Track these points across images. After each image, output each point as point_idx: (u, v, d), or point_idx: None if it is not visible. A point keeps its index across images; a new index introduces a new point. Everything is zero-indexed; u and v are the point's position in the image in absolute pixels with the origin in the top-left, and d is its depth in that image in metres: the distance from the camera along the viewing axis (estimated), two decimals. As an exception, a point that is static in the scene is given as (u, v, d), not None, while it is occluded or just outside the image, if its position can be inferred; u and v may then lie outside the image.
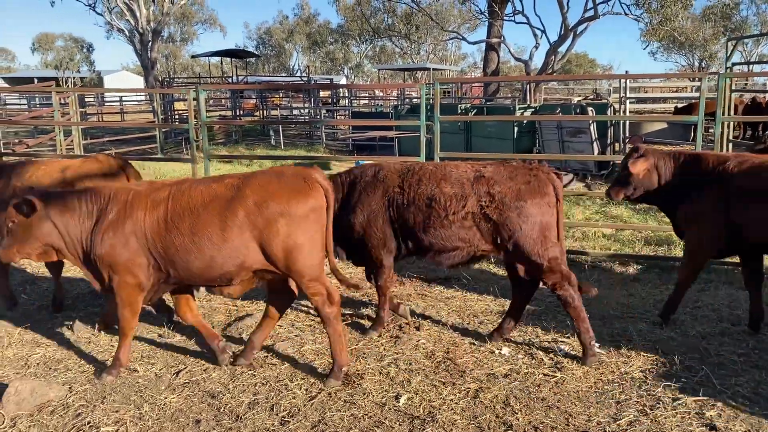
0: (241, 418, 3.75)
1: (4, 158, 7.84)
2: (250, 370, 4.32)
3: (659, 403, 3.81)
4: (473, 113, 16.78)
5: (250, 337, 4.49)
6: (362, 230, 4.70)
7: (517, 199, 4.35)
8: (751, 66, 31.40)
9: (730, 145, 10.31)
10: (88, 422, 3.69)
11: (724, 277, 6.20)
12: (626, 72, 21.52)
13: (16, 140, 17.22)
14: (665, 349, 4.56)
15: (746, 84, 30.00)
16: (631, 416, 3.69)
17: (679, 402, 3.82)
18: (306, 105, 26.59)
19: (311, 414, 3.76)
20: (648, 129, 17.34)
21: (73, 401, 3.93)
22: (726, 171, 4.64)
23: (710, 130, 13.24)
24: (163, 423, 3.70)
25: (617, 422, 3.63)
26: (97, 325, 5.04)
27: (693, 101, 15.53)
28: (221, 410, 3.84)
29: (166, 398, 3.98)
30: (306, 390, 4.06)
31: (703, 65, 54.11)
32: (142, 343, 4.85)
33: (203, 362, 4.47)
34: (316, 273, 4.06)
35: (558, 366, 4.36)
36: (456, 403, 3.87)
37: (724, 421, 3.60)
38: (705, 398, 3.86)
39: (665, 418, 3.66)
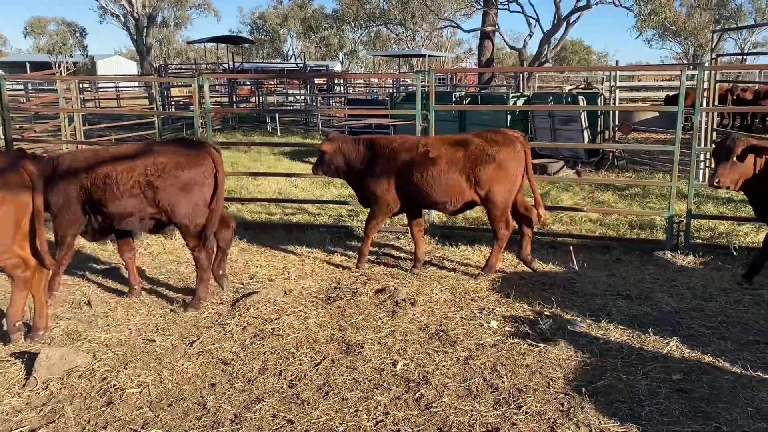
0: (252, 381, 4.12)
1: (16, 145, 8.11)
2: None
3: (632, 369, 4.21)
4: (467, 101, 17.08)
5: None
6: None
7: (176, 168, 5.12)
8: (743, 58, 31.75)
9: (715, 133, 10.70)
10: (114, 385, 4.06)
11: (701, 260, 6.59)
12: (617, 62, 21.84)
13: (16, 126, 17.43)
14: (640, 323, 4.96)
15: (739, 75, 30.40)
16: (606, 380, 4.08)
17: (650, 368, 4.22)
18: (302, 91, 26.81)
19: (316, 378, 4.14)
20: (640, 117, 17.73)
21: (98, 367, 4.28)
22: (392, 149, 6.14)
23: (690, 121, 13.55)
24: (182, 386, 4.08)
25: (593, 385, 4.02)
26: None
27: (688, 90, 15.85)
28: (234, 375, 4.21)
29: (183, 365, 4.34)
30: (311, 358, 4.44)
31: (698, 53, 54.40)
32: (157, 317, 5.21)
33: (215, 334, 4.84)
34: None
35: (542, 337, 4.75)
36: (448, 368, 4.26)
37: (689, 383, 4.00)
38: (673, 365, 4.26)
39: (636, 381, 4.05)
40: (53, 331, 4.90)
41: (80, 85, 23.48)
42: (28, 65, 54.23)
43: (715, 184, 5.64)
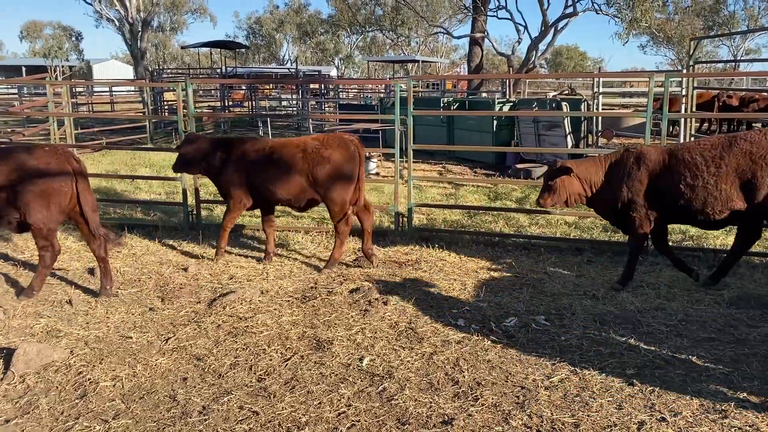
0: (223, 376, 4.28)
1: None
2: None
3: (588, 365, 4.38)
4: (456, 106, 17.30)
5: None
6: None
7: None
8: (732, 65, 32.04)
9: (692, 139, 10.91)
10: (88, 379, 4.21)
11: (668, 261, 6.76)
12: (599, 69, 22.03)
13: (8, 129, 17.57)
14: (602, 321, 5.13)
15: (732, 82, 30.66)
16: (563, 375, 4.25)
17: (606, 363, 4.39)
18: (295, 96, 26.99)
19: (285, 372, 4.30)
20: (628, 123, 17.98)
21: (74, 362, 4.44)
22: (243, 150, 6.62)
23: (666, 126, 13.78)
24: (154, 380, 4.23)
25: (550, 380, 4.19)
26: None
27: (671, 96, 16.18)
28: (206, 370, 4.36)
29: (157, 360, 4.50)
30: (281, 354, 4.60)
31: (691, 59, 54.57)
32: (135, 315, 5.36)
33: (190, 331, 5.00)
34: None
35: (506, 335, 4.92)
36: (412, 363, 4.42)
37: (640, 378, 4.17)
38: (628, 360, 4.43)
39: (591, 376, 4.22)
40: (33, 328, 5.05)
41: (73, 89, 23.64)
42: (23, 69, 54.33)
43: (540, 203, 6.08)
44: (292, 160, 6.39)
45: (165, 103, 25.06)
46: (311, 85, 27.04)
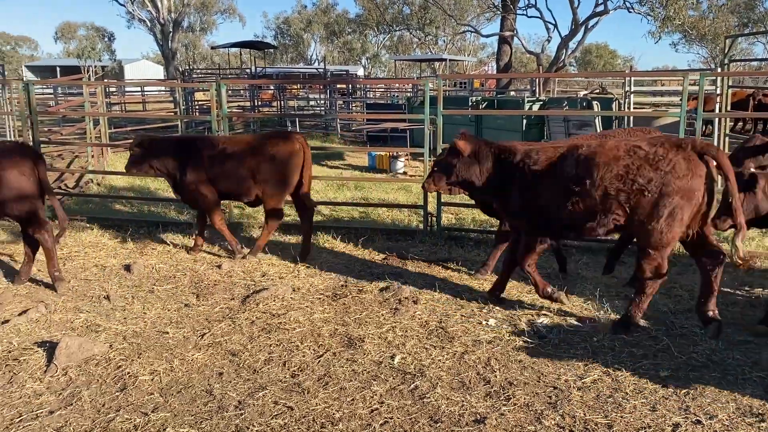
0: (257, 371, 4.36)
1: (43, 146, 8.50)
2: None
3: (621, 366, 4.36)
4: (484, 105, 17.25)
5: None
6: None
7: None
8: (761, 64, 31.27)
9: (727, 138, 10.72)
10: (128, 372, 4.33)
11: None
12: (630, 68, 21.75)
13: (45, 129, 18.00)
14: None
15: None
16: (595, 375, 4.24)
17: (639, 365, 4.37)
18: (322, 96, 27.15)
19: (318, 369, 4.37)
20: (660, 123, 17.70)
21: (114, 356, 4.57)
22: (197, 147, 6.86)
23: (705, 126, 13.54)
24: (191, 374, 4.33)
25: (582, 380, 4.18)
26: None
27: (705, 95, 15.87)
28: (240, 365, 4.45)
29: (193, 355, 4.60)
30: (314, 350, 4.67)
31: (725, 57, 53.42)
32: (171, 311, 5.48)
33: (225, 327, 5.10)
34: None
35: (538, 335, 4.92)
36: (443, 362, 4.45)
37: (674, 380, 4.14)
38: (662, 362, 4.40)
39: (624, 377, 4.20)
40: (73, 323, 5.21)
41: (107, 89, 24.12)
42: (58, 69, 55.50)
43: (424, 186, 5.94)
44: (241, 156, 6.69)
45: (195, 103, 25.41)
46: (338, 85, 27.17)
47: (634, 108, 13.79)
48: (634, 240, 5.34)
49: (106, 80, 38.71)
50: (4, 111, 15.17)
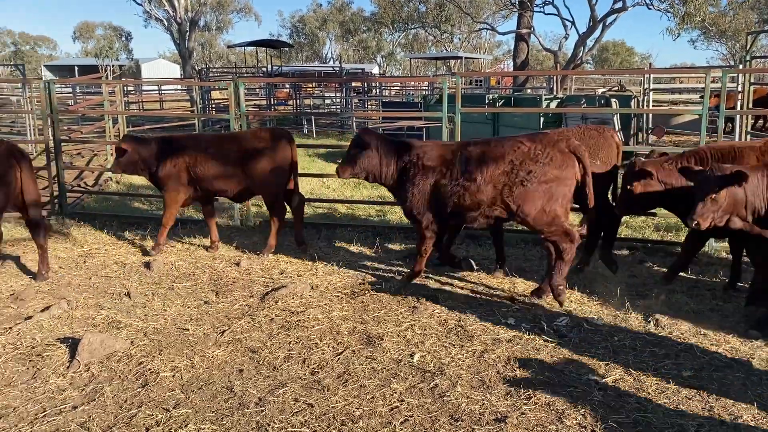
0: (277, 368, 4.37)
1: (63, 145, 8.59)
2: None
3: (643, 366, 4.32)
4: (501, 103, 17.14)
5: None
6: None
7: None
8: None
9: (749, 136, 10.58)
10: (149, 369, 4.37)
11: (726, 261, 6.60)
12: (650, 65, 21.54)
13: (64, 127, 18.21)
14: (656, 321, 5.03)
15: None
16: (617, 375, 4.20)
17: (661, 365, 4.33)
18: (338, 94, 27.16)
19: (337, 366, 4.38)
20: (679, 120, 17.50)
21: (135, 352, 4.61)
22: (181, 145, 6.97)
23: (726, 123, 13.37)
24: (211, 371, 4.35)
25: (604, 380, 4.15)
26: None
27: (728, 93, 15.66)
28: (260, 362, 4.47)
29: (213, 352, 4.63)
30: (333, 348, 4.67)
31: (742, 55, 52.68)
32: (191, 308, 5.52)
33: (245, 324, 5.12)
34: None
35: (558, 334, 4.88)
36: (463, 361, 4.44)
37: (697, 381, 4.10)
38: (684, 362, 4.35)
39: (646, 377, 4.16)
40: (94, 319, 5.26)
41: (125, 88, 24.34)
42: (76, 69, 56.12)
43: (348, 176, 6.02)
44: (228, 152, 6.82)
45: (212, 101, 25.56)
46: (354, 83, 27.16)
47: (653, 105, 13.64)
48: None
49: (124, 79, 39.09)
50: (25, 110, 15.36)
